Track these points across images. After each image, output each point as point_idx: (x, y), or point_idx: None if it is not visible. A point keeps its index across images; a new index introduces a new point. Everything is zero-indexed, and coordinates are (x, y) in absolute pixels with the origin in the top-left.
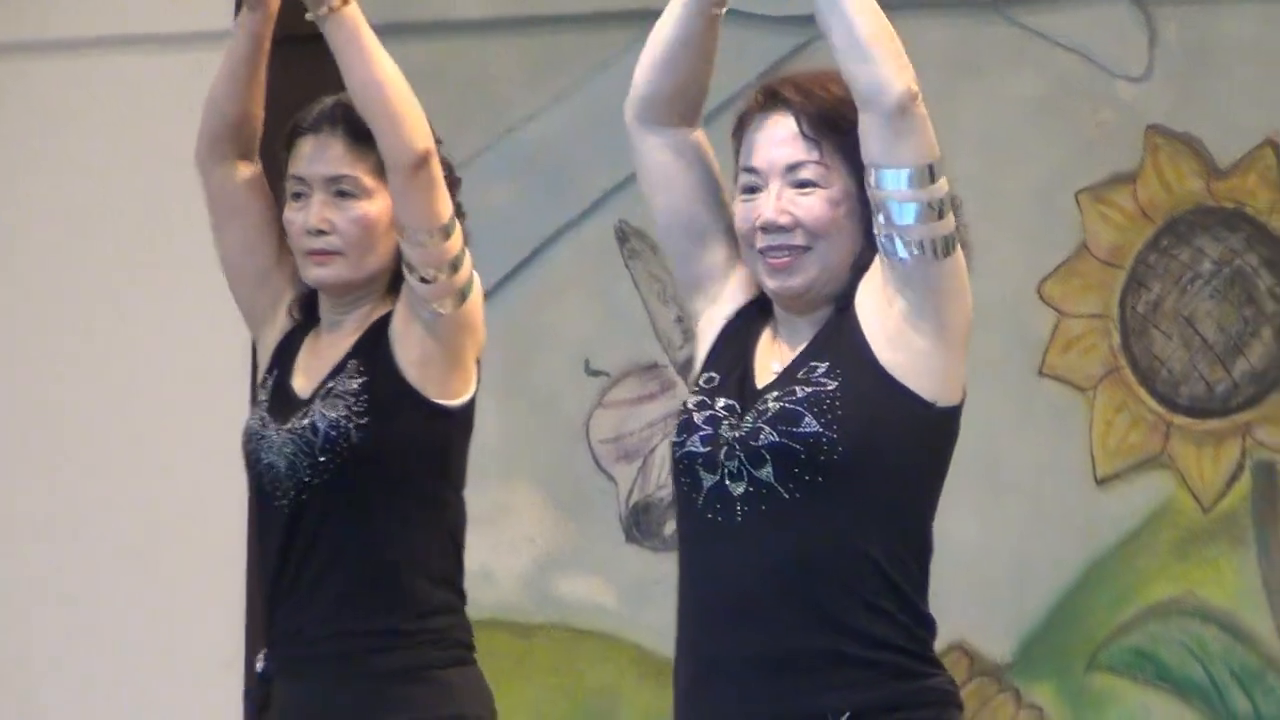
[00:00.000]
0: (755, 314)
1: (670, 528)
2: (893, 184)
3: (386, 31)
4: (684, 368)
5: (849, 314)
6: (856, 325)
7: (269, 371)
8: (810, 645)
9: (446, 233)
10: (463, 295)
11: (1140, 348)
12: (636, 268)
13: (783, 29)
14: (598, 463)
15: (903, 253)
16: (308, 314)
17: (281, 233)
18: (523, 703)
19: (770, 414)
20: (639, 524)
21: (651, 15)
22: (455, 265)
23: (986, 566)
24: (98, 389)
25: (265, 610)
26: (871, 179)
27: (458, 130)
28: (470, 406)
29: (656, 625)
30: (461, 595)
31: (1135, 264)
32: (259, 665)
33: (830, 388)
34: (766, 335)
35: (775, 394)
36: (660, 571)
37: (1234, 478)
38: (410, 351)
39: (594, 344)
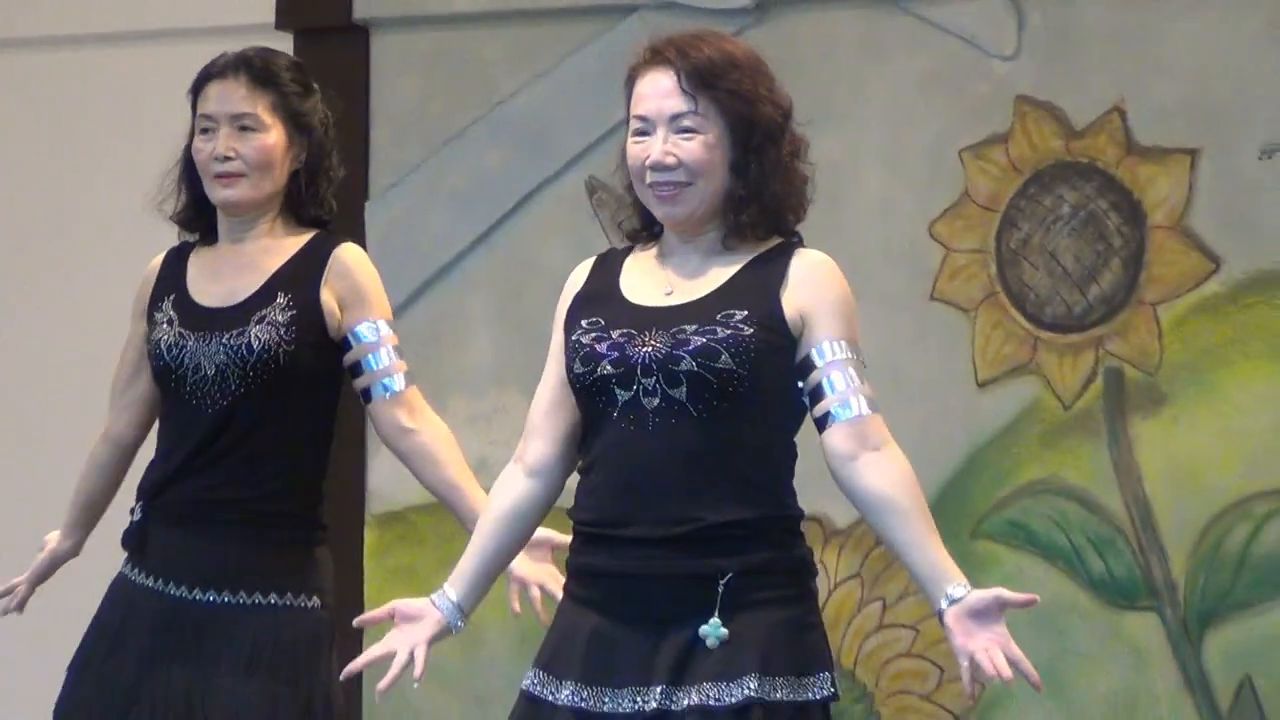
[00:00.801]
0: (600, 271)
1: None
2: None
3: (397, 24)
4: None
5: (772, 282)
6: (776, 292)
7: (162, 294)
8: (701, 522)
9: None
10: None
11: (1012, 276)
12: (603, 214)
13: (715, 20)
14: None
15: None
16: (200, 228)
17: (131, 361)
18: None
19: (692, 346)
20: None
21: (617, 10)
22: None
23: None
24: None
25: (151, 482)
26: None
27: (456, 104)
28: None
29: None
30: (322, 491)
31: (1008, 208)
32: (134, 514)
33: (746, 333)
34: (638, 268)
35: (695, 327)
36: None
37: (1089, 381)
38: (334, 317)
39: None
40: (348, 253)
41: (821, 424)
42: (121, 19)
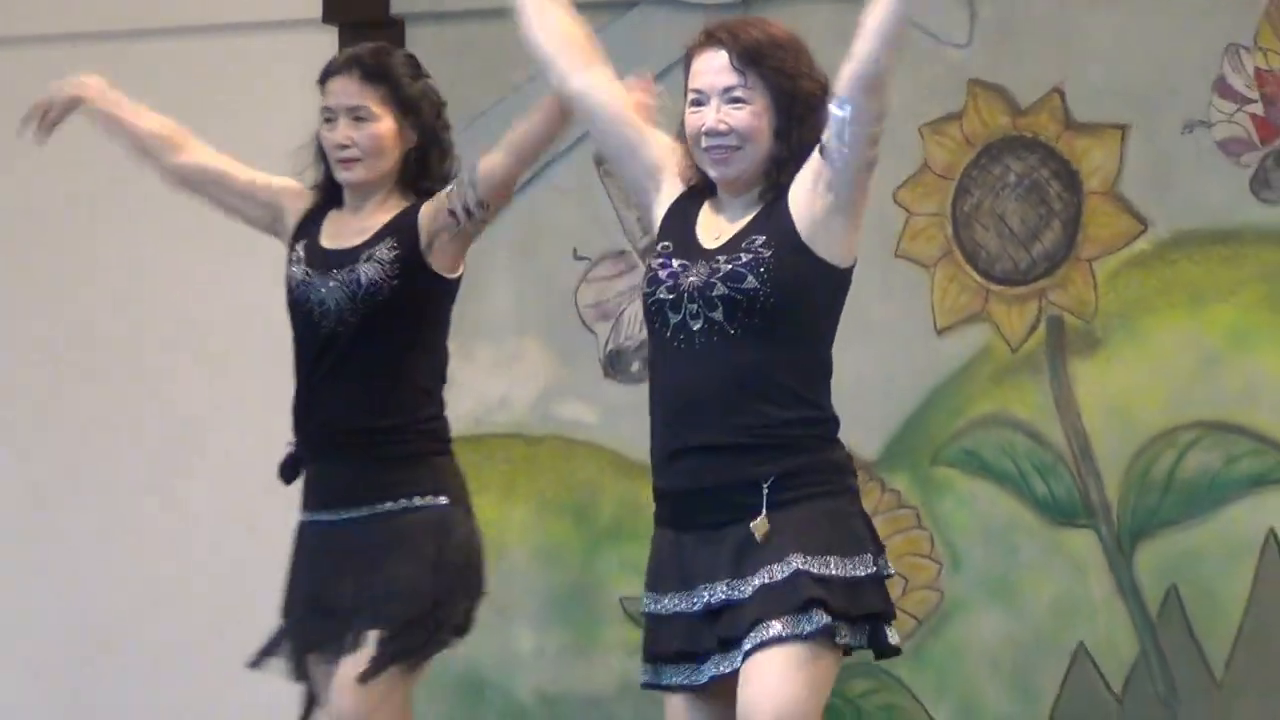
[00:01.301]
0: (691, 198)
1: (635, 366)
2: (851, 113)
3: (429, 17)
4: (645, 253)
5: (780, 205)
6: (787, 213)
7: (297, 240)
8: (746, 432)
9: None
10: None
11: (966, 237)
12: (609, 183)
13: (708, 14)
14: (583, 321)
15: (838, 158)
16: (329, 198)
17: (234, 177)
18: (531, 493)
19: (722, 273)
20: (613, 364)
21: (621, 4)
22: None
23: (860, 391)
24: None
25: (295, 417)
26: (836, 106)
27: (481, 87)
28: (458, 281)
29: (626, 436)
30: (443, 406)
31: (962, 177)
32: (289, 448)
33: (765, 255)
34: (705, 212)
35: (724, 257)
36: (629, 398)
37: (1033, 328)
38: (432, 240)
39: (579, 237)
40: (430, 201)
41: (840, 106)
42: (183, 13)
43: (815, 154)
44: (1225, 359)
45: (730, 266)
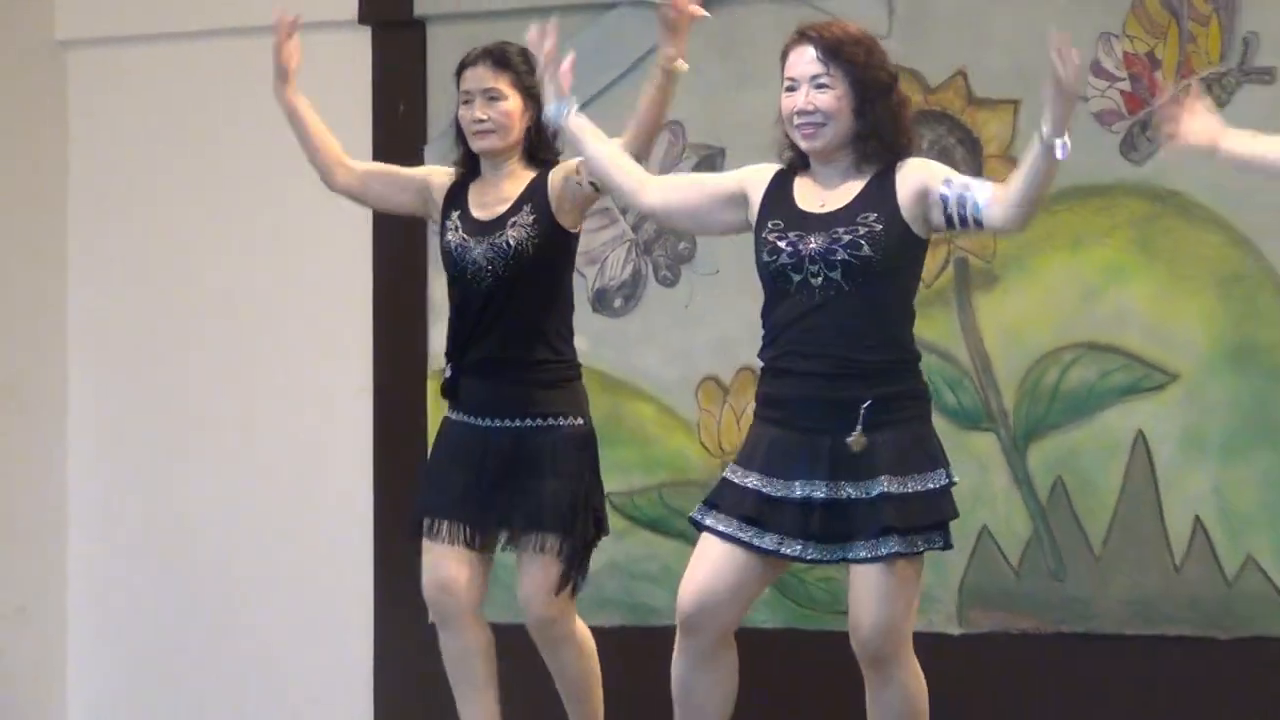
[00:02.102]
0: (781, 183)
1: (617, 303)
2: (980, 217)
3: (445, 18)
4: (623, 210)
5: (888, 188)
6: (894, 196)
7: (450, 212)
8: (851, 363)
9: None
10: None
11: None
12: None
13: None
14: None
15: (948, 219)
16: (470, 170)
17: (396, 173)
18: None
19: (844, 241)
20: (600, 300)
21: (603, 6)
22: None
23: None
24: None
25: (453, 346)
26: (978, 193)
27: None
28: (579, 236)
29: (609, 359)
30: (572, 342)
31: None
32: (446, 373)
33: (878, 230)
34: (801, 185)
35: (843, 228)
36: (610, 329)
37: (944, 268)
38: (561, 204)
39: None
40: (554, 171)
41: (977, 210)
42: (227, 16)
43: (938, 183)
44: (1100, 291)
45: (850, 237)
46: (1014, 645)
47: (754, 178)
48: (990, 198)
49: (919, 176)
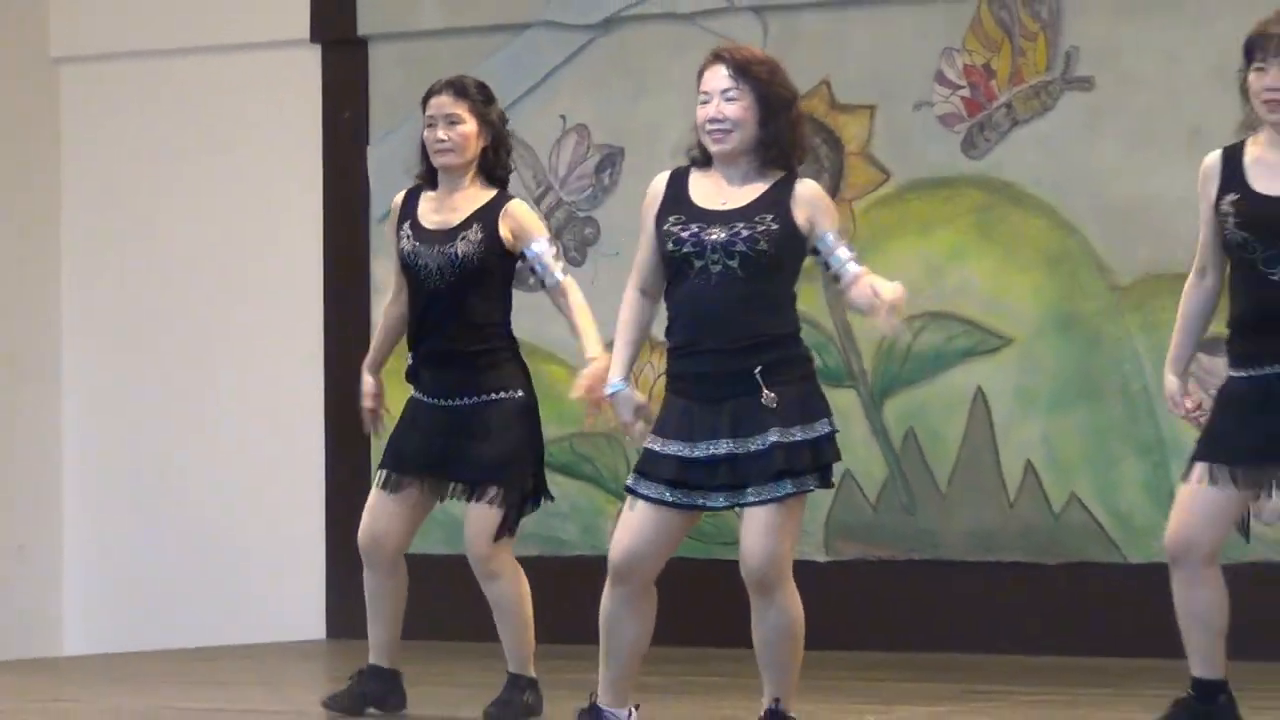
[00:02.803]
0: (673, 185)
1: (531, 280)
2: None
3: (385, 37)
4: (538, 200)
5: (786, 197)
6: (789, 205)
7: (402, 222)
8: (743, 337)
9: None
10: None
11: None
12: (524, 155)
13: (577, 34)
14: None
15: (824, 260)
16: (429, 182)
17: (398, 269)
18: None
19: (743, 235)
20: (517, 278)
21: (520, 26)
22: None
23: None
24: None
25: (411, 337)
26: (845, 253)
27: (424, 85)
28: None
29: (526, 328)
30: (511, 329)
31: None
32: (409, 362)
33: (774, 229)
34: (701, 185)
35: (743, 224)
36: (527, 302)
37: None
38: (506, 240)
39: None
40: (514, 204)
41: (839, 277)
42: (195, 35)
43: (823, 218)
44: (945, 269)
45: (749, 232)
46: (873, 571)
47: (649, 208)
48: (851, 279)
49: (815, 208)
